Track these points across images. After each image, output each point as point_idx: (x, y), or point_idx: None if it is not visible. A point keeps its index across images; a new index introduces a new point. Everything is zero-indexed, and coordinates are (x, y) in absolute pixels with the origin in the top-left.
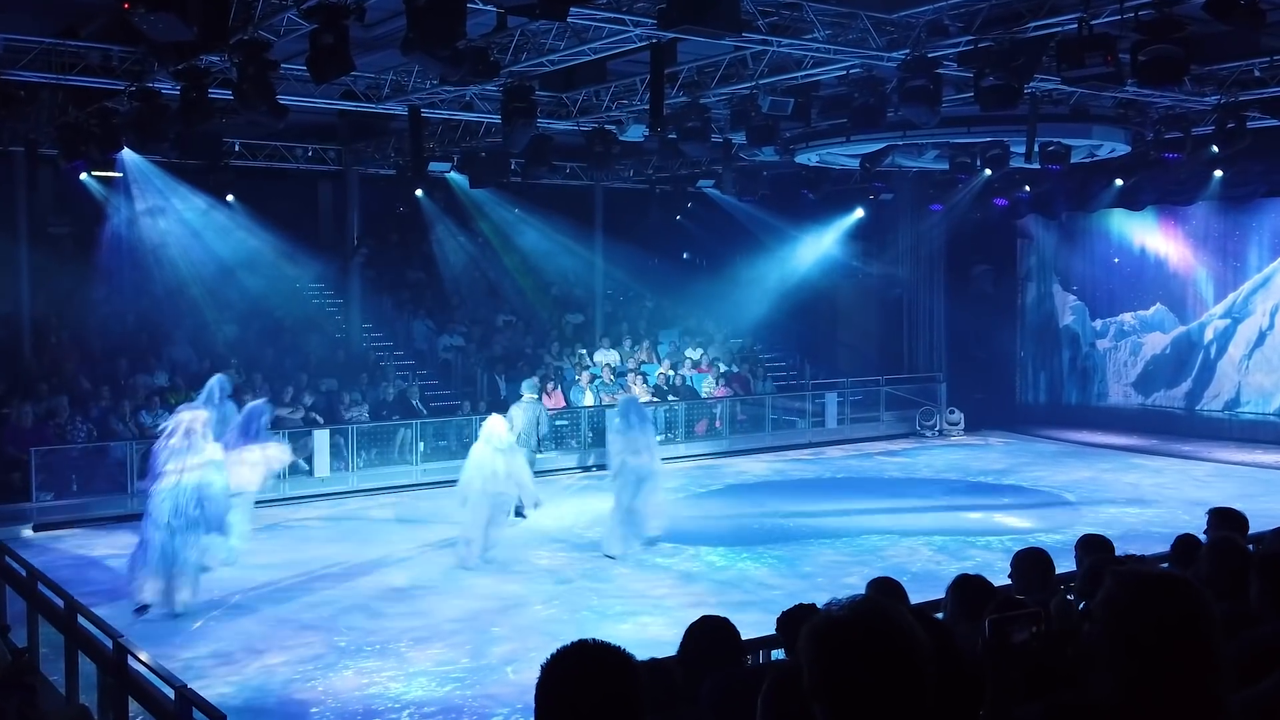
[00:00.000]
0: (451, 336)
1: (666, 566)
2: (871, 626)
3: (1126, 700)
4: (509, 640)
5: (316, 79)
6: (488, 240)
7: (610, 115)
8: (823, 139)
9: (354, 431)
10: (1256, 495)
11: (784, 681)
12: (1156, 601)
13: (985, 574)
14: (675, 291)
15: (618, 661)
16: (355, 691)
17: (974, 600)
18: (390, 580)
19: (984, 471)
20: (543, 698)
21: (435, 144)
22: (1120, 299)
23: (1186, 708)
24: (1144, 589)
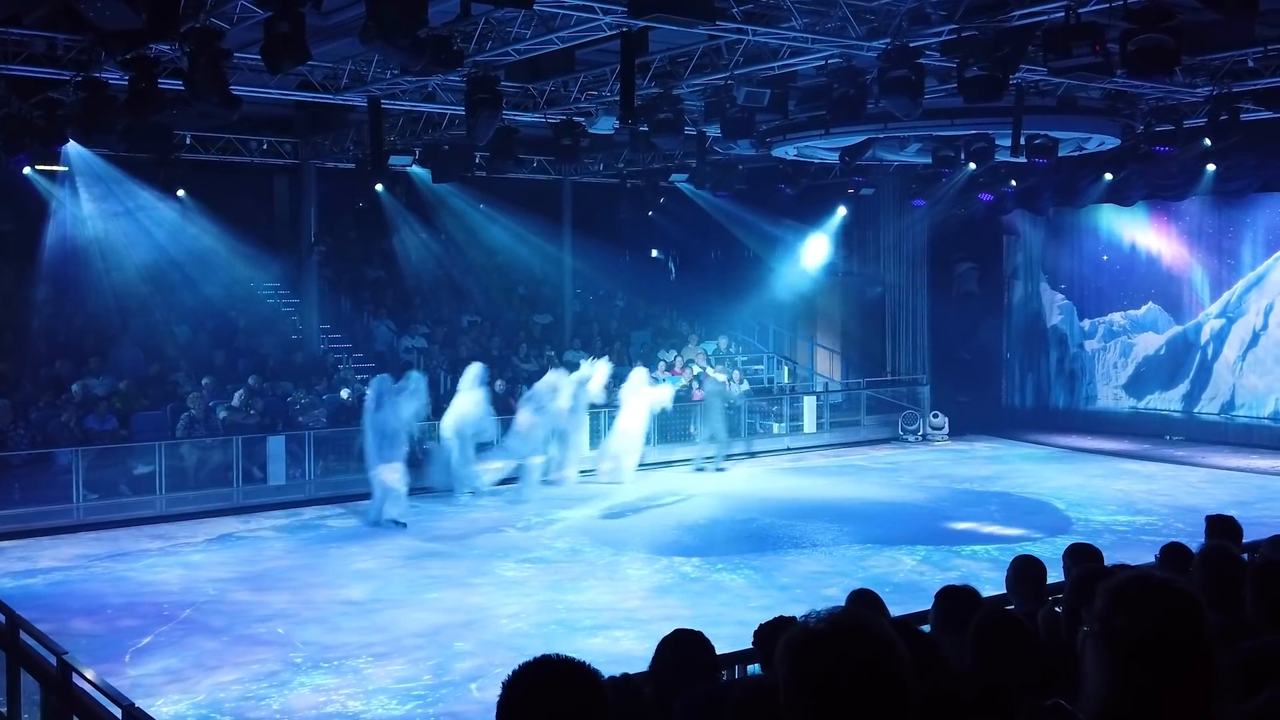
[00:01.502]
0: (413, 338)
1: (639, 578)
2: (851, 640)
3: (1120, 710)
4: (473, 656)
5: (271, 69)
6: (451, 237)
7: (579, 107)
8: (800, 132)
9: (311, 437)
10: (1251, 502)
11: (757, 698)
12: (1156, 609)
13: (971, 584)
14: (647, 290)
15: (583, 678)
16: (312, 710)
17: (960, 612)
18: (349, 593)
19: (969, 478)
20: (504, 717)
21: (396, 136)
22: (1109, 298)
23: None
24: (1143, 596)
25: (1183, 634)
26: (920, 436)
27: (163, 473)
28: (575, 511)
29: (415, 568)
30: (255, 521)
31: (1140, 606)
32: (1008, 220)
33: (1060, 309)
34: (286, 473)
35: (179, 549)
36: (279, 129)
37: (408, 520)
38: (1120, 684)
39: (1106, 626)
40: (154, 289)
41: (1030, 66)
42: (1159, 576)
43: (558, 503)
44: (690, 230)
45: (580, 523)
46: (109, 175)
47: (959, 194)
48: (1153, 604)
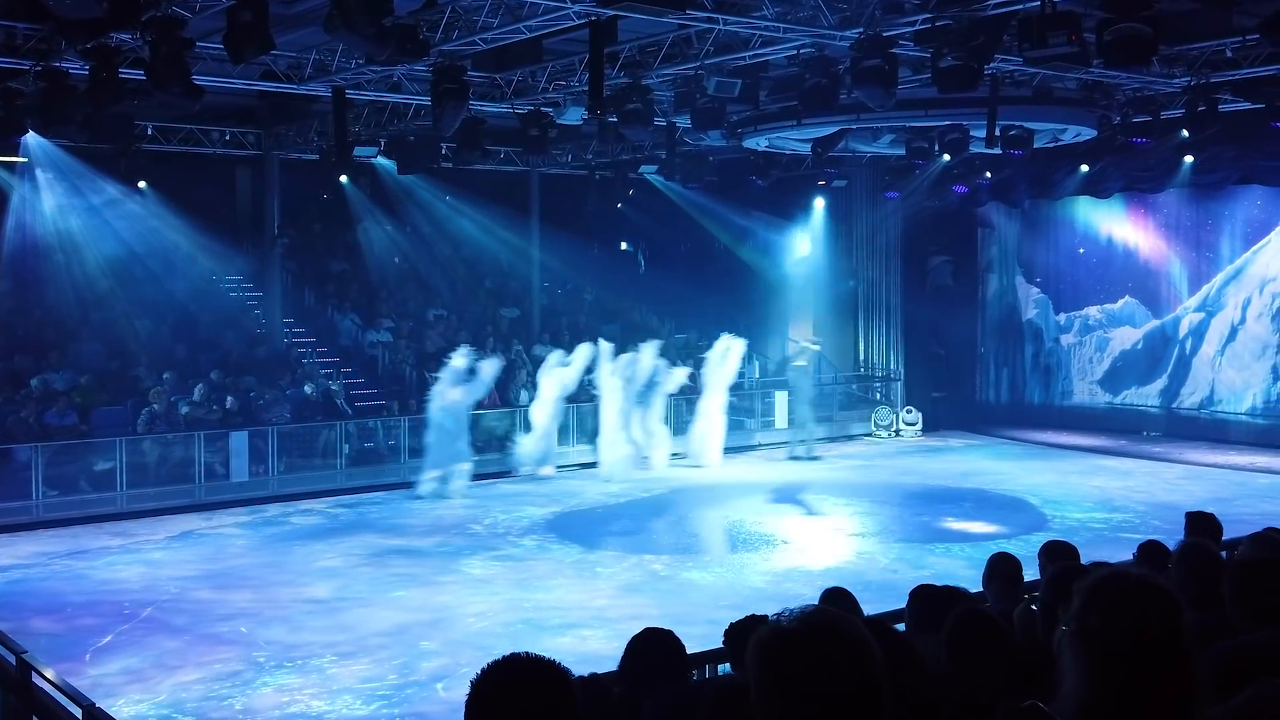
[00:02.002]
0: (379, 332)
1: (607, 576)
2: (823, 639)
3: (1098, 710)
4: (439, 655)
5: (234, 58)
6: (417, 229)
7: (547, 97)
8: (772, 122)
9: (274, 433)
10: (1230, 498)
11: (727, 698)
12: (1133, 607)
13: (945, 582)
14: (616, 284)
15: (552, 677)
16: (275, 710)
17: (934, 611)
18: (313, 591)
19: (943, 474)
20: (472, 717)
21: (361, 127)
22: (1086, 291)
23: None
24: (1120, 594)
25: (1160, 632)
26: (894, 432)
27: (123, 469)
28: (543, 508)
29: (380, 566)
30: (218, 519)
31: (1117, 605)
32: (982, 212)
33: (1036, 303)
34: (249, 469)
35: (140, 546)
36: (242, 119)
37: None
38: (1098, 683)
39: (1083, 625)
40: (115, 282)
41: (1005, 56)
42: (1136, 574)
43: (524, 499)
44: (660, 223)
45: (548, 519)
46: (69, 166)
47: (933, 186)
48: (1130, 602)
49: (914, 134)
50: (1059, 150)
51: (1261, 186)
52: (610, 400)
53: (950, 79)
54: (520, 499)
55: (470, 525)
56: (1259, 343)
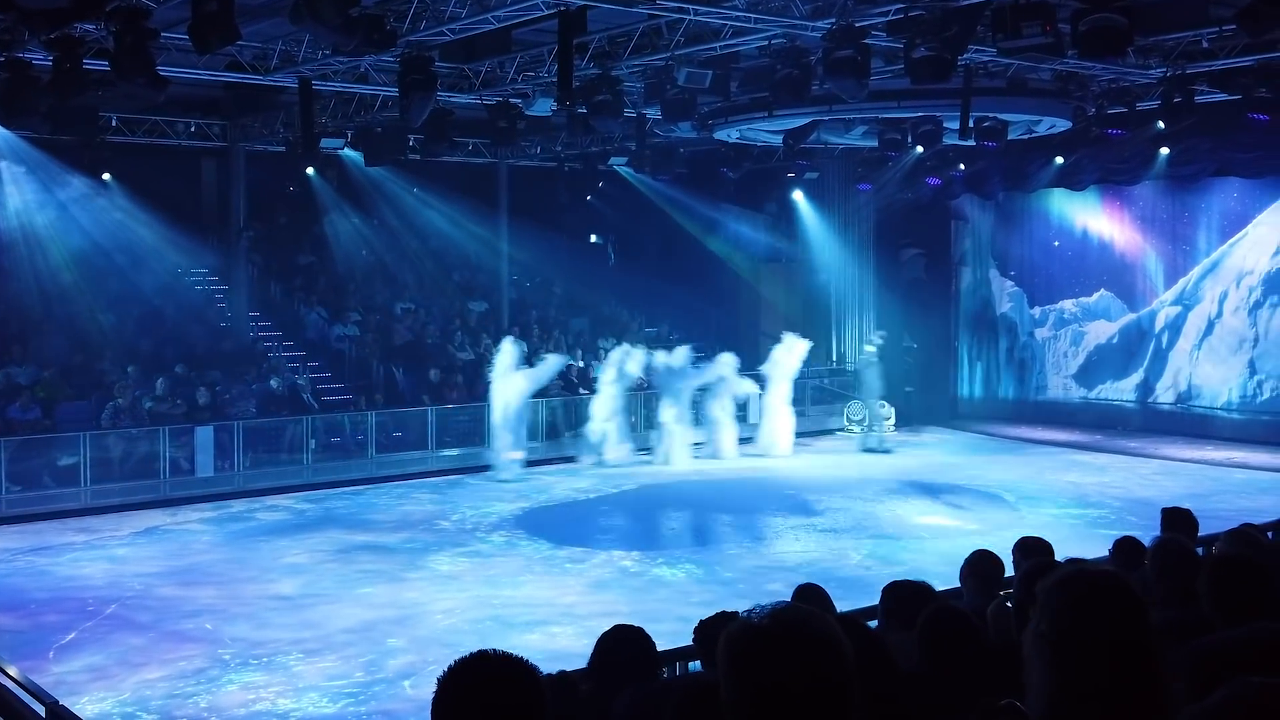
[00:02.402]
0: (345, 326)
1: (577, 572)
2: (794, 635)
3: (1065, 709)
4: (406, 652)
5: (199, 49)
6: (384, 222)
7: (515, 88)
8: (743, 114)
9: (240, 428)
10: (1206, 494)
11: (697, 696)
12: (1096, 603)
13: (918, 579)
14: (586, 277)
15: (520, 674)
16: (240, 708)
17: (907, 607)
18: (278, 588)
19: (916, 469)
20: (439, 714)
21: (327, 118)
22: (1060, 285)
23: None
24: (1083, 591)
25: (1124, 630)
26: (867, 427)
27: (87, 464)
28: (512, 504)
29: (347, 562)
30: (182, 514)
31: (1079, 603)
32: (956, 205)
33: (1010, 296)
34: (215, 464)
35: (104, 542)
36: (207, 111)
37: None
38: (1062, 682)
39: (1046, 624)
40: (79, 275)
41: (979, 47)
42: (1098, 571)
43: (493, 495)
44: (630, 215)
45: (516, 515)
46: (32, 158)
47: (906, 178)
48: (1092, 600)
49: (887, 125)
50: (1033, 142)
51: (1238, 179)
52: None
53: (923, 70)
54: (488, 495)
55: (438, 521)
56: (1236, 337)
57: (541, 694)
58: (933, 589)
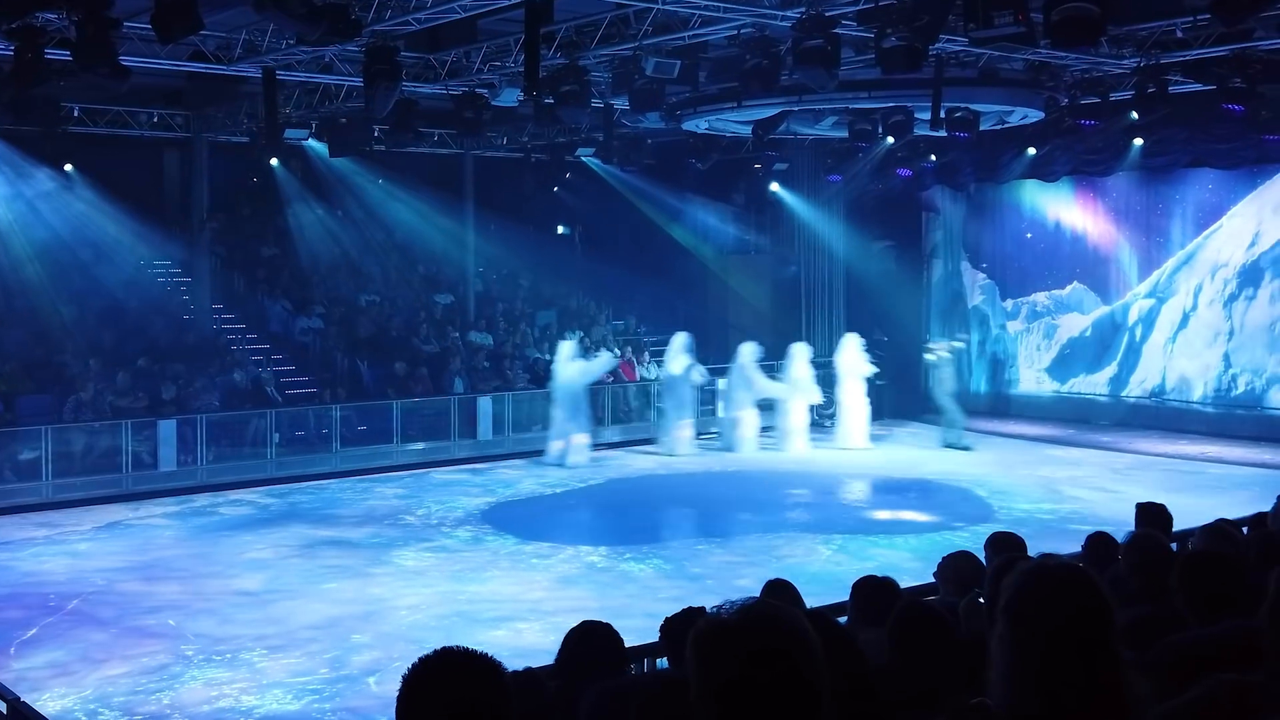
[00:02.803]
0: (309, 318)
1: (543, 567)
2: (762, 631)
3: (1025, 701)
4: (371, 649)
5: (162, 38)
6: (349, 213)
7: (481, 78)
8: (712, 104)
9: (203, 421)
10: (1181, 489)
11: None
12: (1060, 597)
13: (889, 574)
14: (553, 269)
15: (485, 671)
16: (204, 705)
17: (877, 604)
18: (242, 583)
19: (886, 464)
20: (404, 710)
21: (291, 109)
22: (1033, 277)
23: (1089, 711)
24: (1046, 584)
25: (1088, 624)
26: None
27: (49, 458)
28: (478, 499)
29: (311, 557)
30: (145, 509)
31: (1043, 596)
32: (927, 196)
33: (982, 289)
34: (178, 458)
35: (66, 537)
36: (170, 101)
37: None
38: (1025, 675)
39: (1010, 617)
40: (40, 268)
41: (950, 36)
42: (1062, 565)
43: (458, 489)
44: (597, 207)
45: (483, 510)
46: None
47: (876, 169)
48: (1055, 593)
49: (857, 116)
50: (1005, 132)
51: (1212, 170)
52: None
53: (894, 60)
54: (454, 489)
55: (403, 516)
56: (1211, 330)
57: (507, 691)
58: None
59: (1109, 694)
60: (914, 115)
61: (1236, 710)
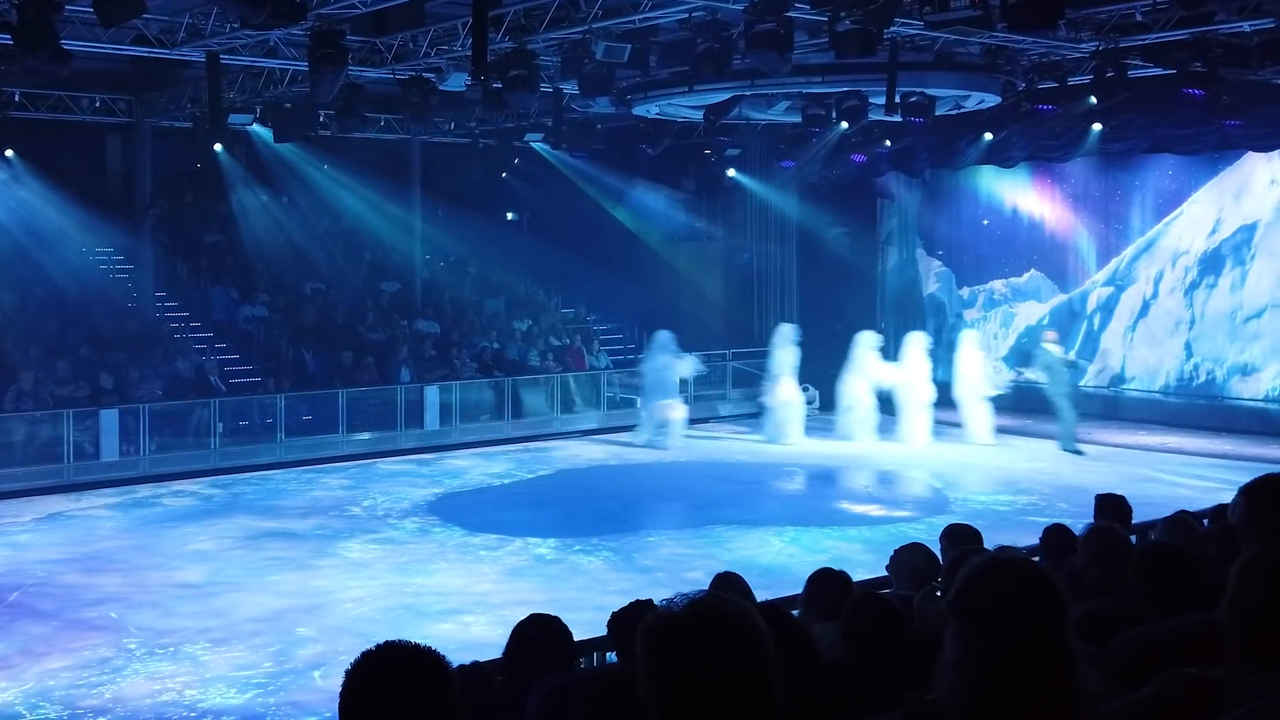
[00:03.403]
0: (254, 306)
1: (491, 559)
2: (712, 625)
3: (973, 695)
4: (316, 642)
5: (104, 22)
6: (294, 200)
7: (428, 62)
8: (663, 89)
9: (146, 411)
10: (1140, 480)
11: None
12: (1011, 592)
13: (843, 567)
14: (501, 256)
15: (429, 665)
16: (146, 699)
17: (831, 597)
18: (185, 575)
19: (840, 454)
20: (347, 706)
21: (235, 94)
22: (990, 264)
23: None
24: (998, 579)
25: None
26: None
27: None
28: (425, 490)
29: (254, 549)
30: (86, 500)
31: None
32: (881, 182)
33: (937, 276)
34: (120, 448)
35: (5, 529)
36: (112, 86)
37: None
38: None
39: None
40: None
41: (905, 20)
42: (1014, 560)
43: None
44: (546, 193)
45: (429, 501)
46: None
47: (830, 155)
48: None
49: (810, 101)
50: (961, 118)
51: (1172, 156)
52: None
53: (848, 43)
54: (401, 480)
55: (349, 507)
56: (1172, 318)
57: (452, 685)
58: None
59: (1059, 690)
60: (868, 100)
61: (1196, 705)
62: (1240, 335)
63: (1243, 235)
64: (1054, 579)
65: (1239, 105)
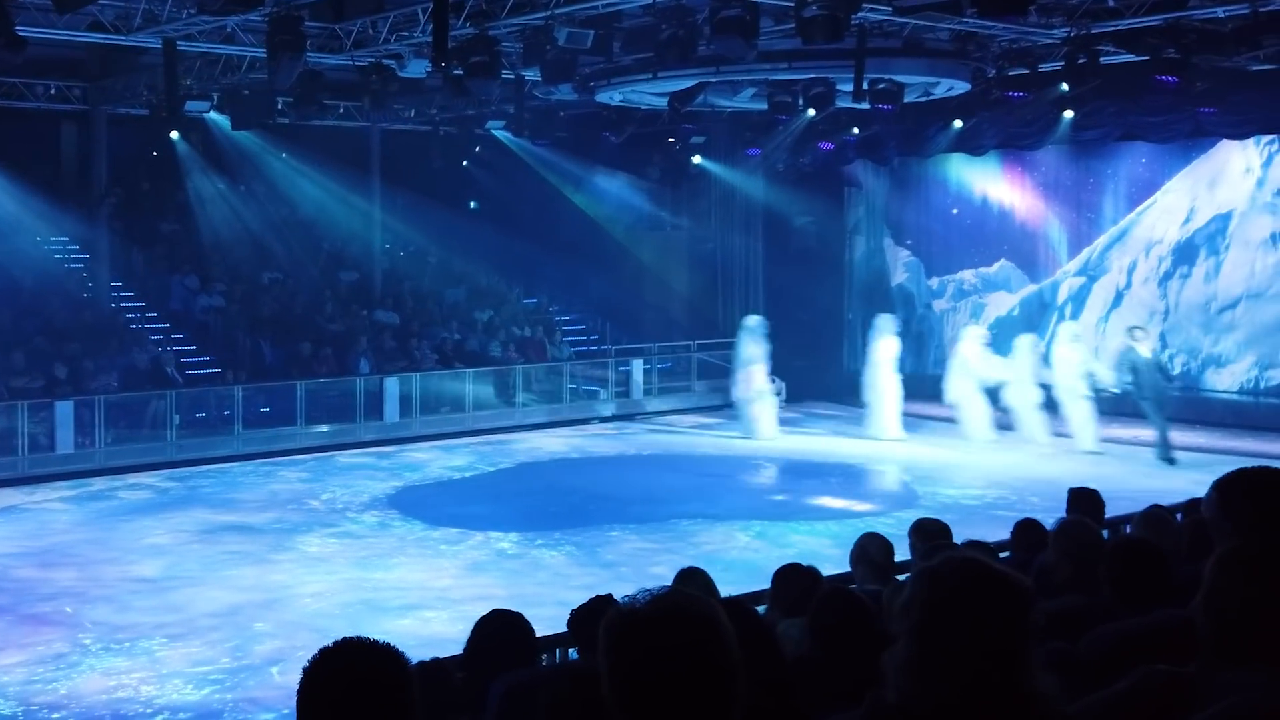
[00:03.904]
0: (211, 296)
1: (451, 554)
2: (675, 621)
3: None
4: (274, 637)
5: (59, 8)
6: (251, 189)
7: (388, 49)
8: (626, 76)
9: (101, 403)
10: (1112, 474)
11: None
12: (964, 591)
13: (810, 562)
14: (462, 246)
15: (389, 662)
16: (102, 695)
17: (797, 592)
18: (141, 570)
19: (808, 448)
20: (304, 703)
21: (192, 81)
22: (959, 254)
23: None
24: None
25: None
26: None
27: None
28: (384, 483)
29: (211, 542)
30: (41, 493)
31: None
32: (849, 171)
33: (906, 266)
34: (75, 440)
35: None
36: (67, 73)
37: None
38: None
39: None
40: None
41: (873, 5)
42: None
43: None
44: (508, 182)
45: (389, 494)
46: None
47: (796, 143)
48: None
49: (776, 88)
50: (930, 105)
51: (1146, 144)
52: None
53: (815, 29)
54: (360, 473)
55: (307, 500)
56: (1146, 309)
57: (411, 682)
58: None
59: (1010, 693)
60: (835, 87)
61: (1168, 703)
62: (1214, 326)
63: (1217, 224)
64: (1008, 579)
65: (1213, 92)
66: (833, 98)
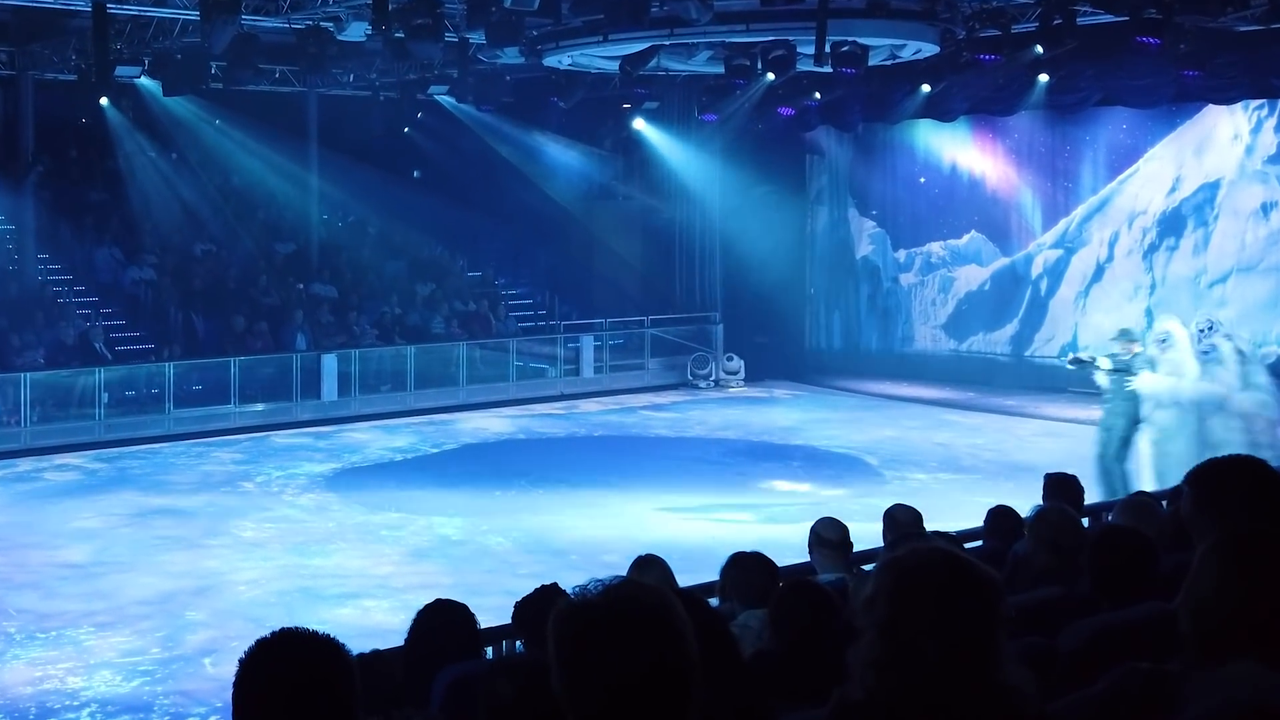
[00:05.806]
0: (141, 268)
1: (393, 540)
2: (630, 614)
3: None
4: (207, 627)
5: None
6: (184, 156)
7: (327, 11)
8: (575, 38)
9: (26, 381)
10: (1090, 458)
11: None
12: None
13: (770, 551)
14: (403, 216)
15: (327, 654)
16: (27, 687)
17: (754, 582)
18: (68, 555)
19: (768, 429)
20: (240, 696)
21: (123, 45)
22: (927, 226)
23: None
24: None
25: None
26: (712, 382)
27: None
28: (322, 465)
29: (142, 526)
30: None
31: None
32: (811, 138)
33: (871, 238)
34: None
35: None
36: None
37: None
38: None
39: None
40: None
41: None
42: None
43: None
44: (451, 149)
45: (327, 477)
46: None
47: (755, 108)
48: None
49: (734, 51)
50: (897, 68)
51: (1127, 109)
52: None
53: None
54: (296, 454)
55: (241, 482)
56: (1131, 282)
57: (352, 675)
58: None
59: (979, 690)
60: (796, 50)
61: (1152, 701)
62: (1205, 300)
63: (1205, 194)
64: (975, 569)
65: (1198, 54)
66: (793, 61)
